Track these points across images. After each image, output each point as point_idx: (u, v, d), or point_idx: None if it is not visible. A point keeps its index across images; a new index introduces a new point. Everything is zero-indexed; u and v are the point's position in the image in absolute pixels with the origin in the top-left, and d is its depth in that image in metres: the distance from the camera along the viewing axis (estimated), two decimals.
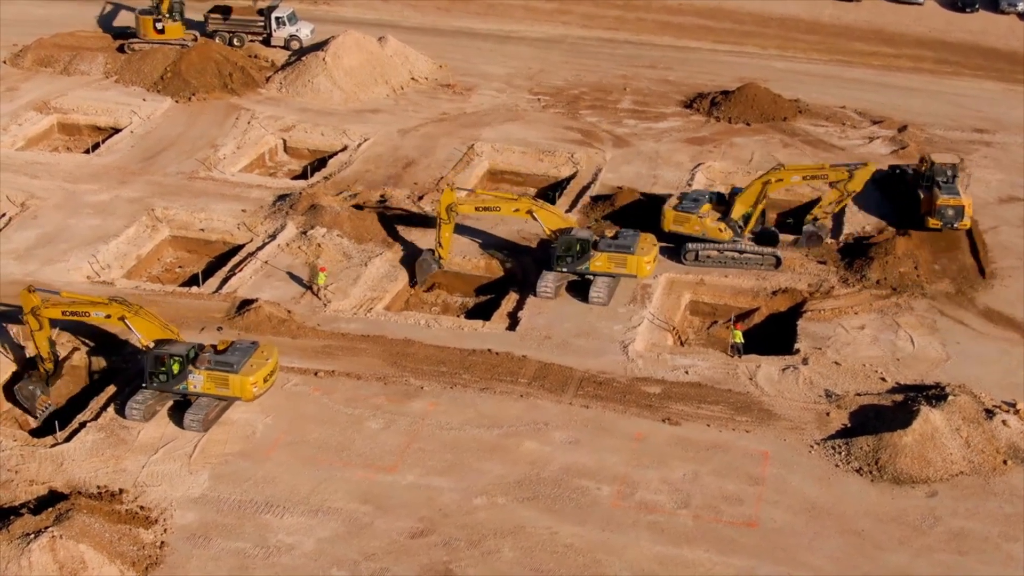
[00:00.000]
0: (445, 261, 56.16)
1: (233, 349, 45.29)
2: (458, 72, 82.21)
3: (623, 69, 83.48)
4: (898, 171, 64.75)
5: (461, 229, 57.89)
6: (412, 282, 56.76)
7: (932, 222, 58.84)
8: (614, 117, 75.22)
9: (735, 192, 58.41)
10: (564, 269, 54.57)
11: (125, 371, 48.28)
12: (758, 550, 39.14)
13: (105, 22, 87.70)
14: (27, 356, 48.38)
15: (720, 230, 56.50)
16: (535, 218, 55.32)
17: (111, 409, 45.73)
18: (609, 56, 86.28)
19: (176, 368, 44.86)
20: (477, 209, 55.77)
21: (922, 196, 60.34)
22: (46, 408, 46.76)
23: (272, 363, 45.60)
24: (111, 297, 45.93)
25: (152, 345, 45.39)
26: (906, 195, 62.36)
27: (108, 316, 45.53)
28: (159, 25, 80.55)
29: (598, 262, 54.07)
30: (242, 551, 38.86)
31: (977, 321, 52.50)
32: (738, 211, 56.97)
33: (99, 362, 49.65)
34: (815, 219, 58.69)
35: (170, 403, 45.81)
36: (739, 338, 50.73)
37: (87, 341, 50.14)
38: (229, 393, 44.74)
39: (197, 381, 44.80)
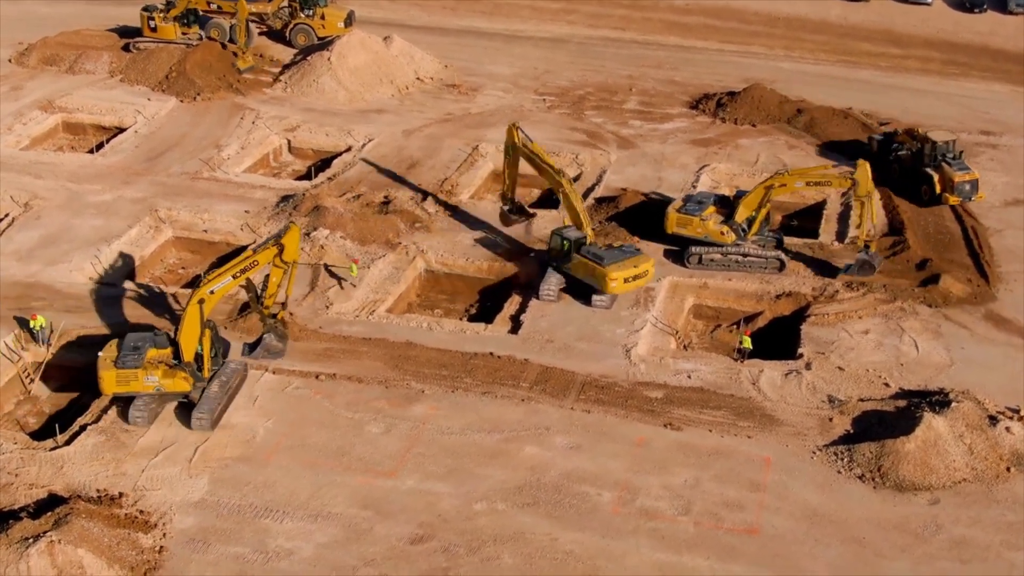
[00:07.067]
0: (509, 196, 58.80)
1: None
2: (464, 72, 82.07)
3: (629, 69, 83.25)
4: (871, 139, 67.87)
5: (462, 231, 57.71)
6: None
7: (952, 199, 61.15)
8: (619, 118, 74.99)
9: (739, 195, 58.15)
10: (554, 264, 54.68)
11: None
12: (759, 558, 38.98)
13: (112, 20, 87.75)
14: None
15: (722, 233, 56.27)
16: (558, 197, 55.94)
17: (112, 412, 45.56)
18: (615, 56, 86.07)
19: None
20: (524, 157, 57.22)
21: (935, 175, 61.82)
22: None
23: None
24: None
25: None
26: (907, 173, 63.97)
27: None
28: (152, 24, 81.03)
29: (577, 266, 54.06)
30: (241, 556, 38.79)
31: (982, 326, 52.24)
32: (742, 214, 56.69)
33: None
34: (866, 245, 55.54)
35: (173, 404, 45.47)
36: (748, 343, 50.32)
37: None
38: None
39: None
